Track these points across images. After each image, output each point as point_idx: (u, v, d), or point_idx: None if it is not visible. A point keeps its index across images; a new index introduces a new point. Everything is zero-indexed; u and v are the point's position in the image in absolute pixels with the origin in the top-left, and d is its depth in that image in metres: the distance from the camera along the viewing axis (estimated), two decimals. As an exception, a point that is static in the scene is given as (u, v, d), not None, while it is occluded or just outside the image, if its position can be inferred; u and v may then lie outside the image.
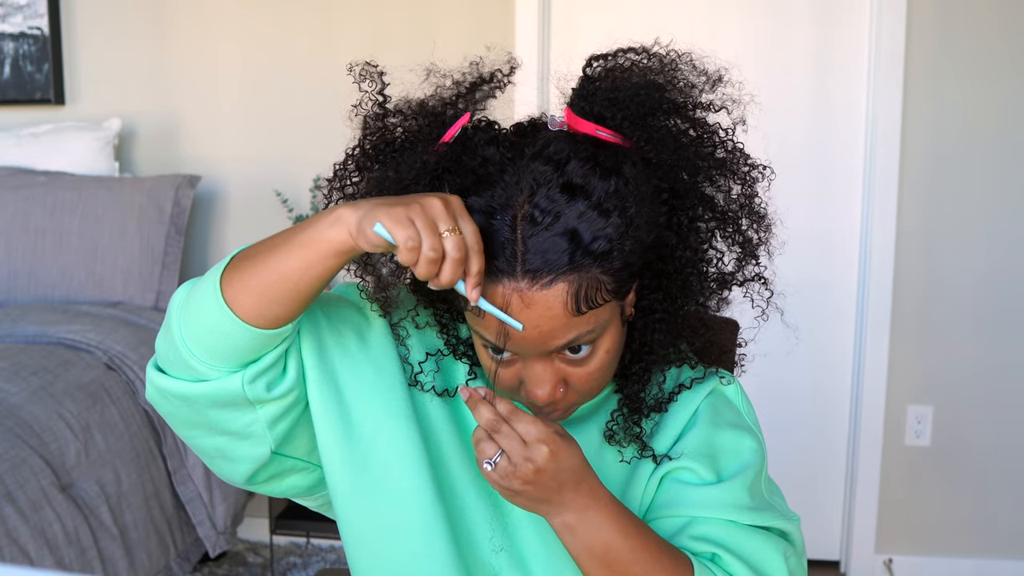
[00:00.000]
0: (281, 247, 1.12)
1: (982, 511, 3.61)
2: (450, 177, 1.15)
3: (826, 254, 3.66)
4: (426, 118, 1.21)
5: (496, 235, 1.10)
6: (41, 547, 2.35)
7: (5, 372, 2.68)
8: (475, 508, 1.28)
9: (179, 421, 1.24)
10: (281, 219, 3.70)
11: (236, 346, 1.15)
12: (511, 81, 1.25)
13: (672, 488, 1.28)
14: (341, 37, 3.67)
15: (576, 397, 1.22)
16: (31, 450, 2.48)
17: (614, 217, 1.11)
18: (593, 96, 1.18)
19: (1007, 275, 3.51)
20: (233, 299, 1.13)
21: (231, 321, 1.13)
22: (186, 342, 1.16)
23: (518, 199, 1.10)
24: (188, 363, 1.17)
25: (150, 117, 3.83)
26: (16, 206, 3.43)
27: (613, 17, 3.61)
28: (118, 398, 2.90)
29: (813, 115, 3.61)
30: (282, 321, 1.15)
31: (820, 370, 3.70)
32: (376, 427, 1.26)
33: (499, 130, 1.20)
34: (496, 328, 1.13)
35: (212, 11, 3.76)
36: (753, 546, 1.24)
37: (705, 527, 1.24)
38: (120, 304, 3.40)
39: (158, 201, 3.47)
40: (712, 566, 1.21)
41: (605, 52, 1.23)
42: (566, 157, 1.12)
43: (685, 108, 1.23)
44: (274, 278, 1.12)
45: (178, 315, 1.17)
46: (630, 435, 1.27)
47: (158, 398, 1.22)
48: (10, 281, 3.42)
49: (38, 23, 3.76)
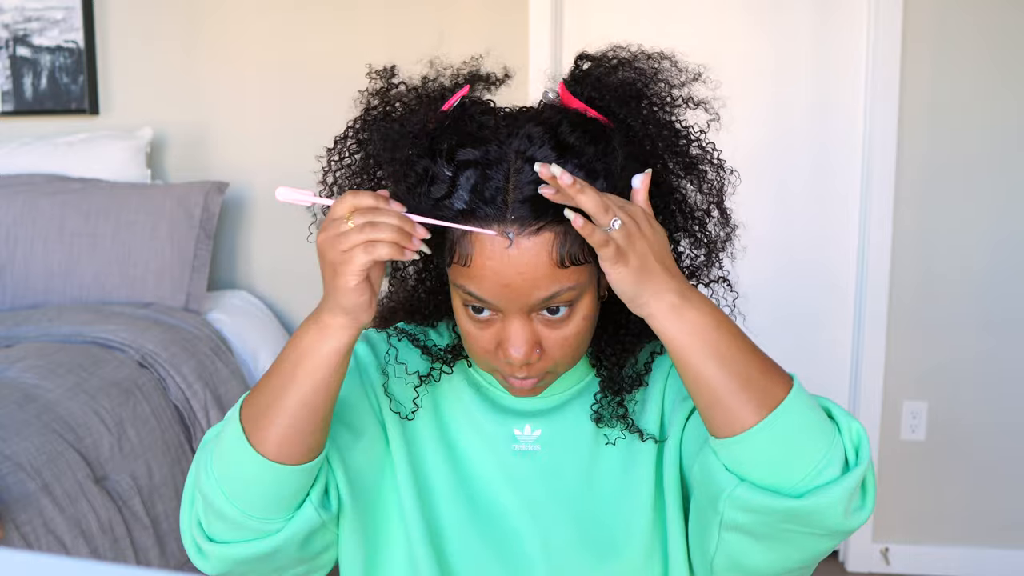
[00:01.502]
0: (292, 384, 1.13)
1: (975, 502, 3.63)
2: (448, 135, 1.15)
3: (824, 255, 3.69)
4: (424, 96, 1.24)
5: (489, 183, 1.11)
6: (76, 537, 2.38)
7: (42, 370, 2.71)
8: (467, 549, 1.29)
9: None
10: (305, 224, 3.75)
11: (295, 488, 1.16)
12: (506, 83, 1.29)
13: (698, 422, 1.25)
14: (364, 46, 3.71)
15: (550, 364, 1.20)
16: (67, 444, 2.50)
17: (600, 179, 1.13)
18: (584, 80, 1.22)
19: (1000, 275, 3.53)
20: (273, 453, 1.13)
21: (284, 472, 1.13)
22: (244, 511, 1.15)
23: (511, 154, 1.12)
24: (253, 527, 1.16)
25: (180, 126, 3.87)
26: (53, 212, 3.47)
27: (623, 22, 3.66)
28: (150, 394, 2.91)
29: (812, 117, 3.64)
30: (323, 444, 1.17)
31: (819, 367, 3.72)
32: (379, 488, 1.29)
33: (495, 106, 1.22)
34: (486, 277, 1.13)
35: (239, 24, 3.81)
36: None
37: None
38: (152, 305, 3.42)
39: (188, 207, 3.50)
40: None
41: (593, 52, 1.27)
42: (558, 121, 1.15)
43: (665, 101, 1.25)
44: (303, 414, 1.12)
45: (223, 491, 1.15)
46: (616, 415, 1.28)
47: (232, 567, 1.20)
48: (47, 283, 3.46)
49: (73, 36, 3.82)
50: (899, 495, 3.67)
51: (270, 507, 1.16)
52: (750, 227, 1.41)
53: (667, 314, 1.10)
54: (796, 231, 3.69)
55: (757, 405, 1.09)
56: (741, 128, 3.57)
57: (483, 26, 3.68)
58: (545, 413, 1.32)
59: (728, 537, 1.15)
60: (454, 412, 1.33)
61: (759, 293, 3.87)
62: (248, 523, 1.15)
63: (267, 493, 1.15)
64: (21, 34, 3.86)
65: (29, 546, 2.25)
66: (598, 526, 1.29)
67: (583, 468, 1.30)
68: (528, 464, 1.30)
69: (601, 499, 1.30)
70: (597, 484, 1.30)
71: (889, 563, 3.68)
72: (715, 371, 1.10)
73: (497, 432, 1.31)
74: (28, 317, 3.22)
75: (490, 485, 1.30)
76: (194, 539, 1.21)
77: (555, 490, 1.30)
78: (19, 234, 3.48)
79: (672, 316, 1.10)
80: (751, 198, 3.65)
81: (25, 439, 2.42)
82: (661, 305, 1.10)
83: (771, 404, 1.09)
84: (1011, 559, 3.63)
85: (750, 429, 1.09)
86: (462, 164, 1.13)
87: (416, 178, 1.16)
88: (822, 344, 3.74)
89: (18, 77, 3.89)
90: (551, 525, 1.28)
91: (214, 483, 1.15)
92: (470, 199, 1.12)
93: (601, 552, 1.28)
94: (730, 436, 1.11)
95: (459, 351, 1.34)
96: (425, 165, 1.16)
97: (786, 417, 1.09)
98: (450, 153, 1.14)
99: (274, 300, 3.91)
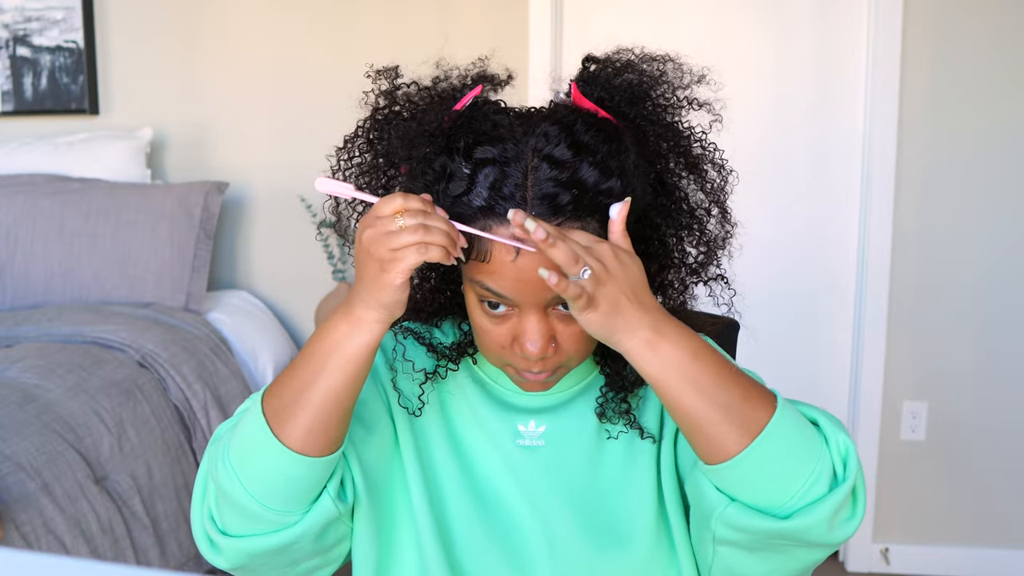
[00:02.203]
0: (321, 376, 1.13)
1: (974, 502, 3.63)
2: (464, 134, 1.17)
3: (825, 256, 3.69)
4: (436, 96, 1.26)
5: (508, 180, 1.13)
6: (76, 537, 2.38)
7: (42, 370, 2.71)
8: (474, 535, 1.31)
9: (269, 570, 1.23)
10: (305, 224, 3.76)
11: (316, 479, 1.17)
12: (511, 84, 1.31)
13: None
14: (365, 48, 3.71)
15: (563, 358, 1.22)
16: (67, 444, 2.50)
17: (615, 176, 1.15)
18: (593, 81, 1.25)
19: (1001, 274, 3.53)
20: (298, 444, 1.14)
21: (307, 463, 1.14)
22: (262, 502, 1.16)
23: (528, 152, 1.13)
24: (270, 519, 1.17)
25: (180, 126, 3.88)
26: (53, 212, 3.47)
27: (624, 22, 3.66)
28: (150, 394, 2.91)
29: (812, 117, 3.64)
30: (344, 435, 1.18)
31: (819, 367, 3.73)
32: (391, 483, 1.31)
33: (507, 106, 1.24)
34: (505, 273, 1.14)
35: (239, 24, 3.81)
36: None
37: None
38: (152, 305, 3.42)
39: (188, 207, 3.51)
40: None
41: (600, 55, 1.30)
42: (573, 120, 1.17)
43: (669, 102, 1.28)
44: (330, 407, 1.13)
45: (240, 482, 1.15)
46: (619, 411, 1.30)
47: (247, 561, 1.20)
48: (47, 283, 3.46)
49: (73, 36, 3.82)
50: (899, 495, 3.67)
51: (290, 499, 1.16)
52: (750, 227, 1.42)
53: (641, 350, 1.11)
54: (796, 231, 3.69)
55: (739, 434, 1.11)
56: (741, 128, 3.58)
57: (483, 26, 3.69)
58: (549, 409, 1.34)
59: (723, 551, 1.19)
60: (459, 408, 1.35)
61: (759, 293, 3.88)
62: (266, 515, 1.16)
63: (288, 485, 1.15)
64: (21, 34, 3.86)
65: (29, 546, 2.25)
66: (602, 520, 1.30)
67: (586, 463, 1.32)
68: (532, 459, 1.32)
69: (605, 494, 1.31)
70: (600, 479, 1.32)
71: (889, 563, 3.68)
72: (694, 403, 1.11)
73: (501, 428, 1.33)
74: (28, 317, 3.22)
75: (495, 480, 1.32)
76: (206, 533, 1.22)
77: (559, 485, 1.31)
78: (19, 234, 3.49)
79: (647, 352, 1.11)
80: (751, 198, 3.66)
81: (25, 439, 2.42)
82: (634, 342, 1.11)
83: (754, 431, 1.11)
84: (1011, 559, 3.63)
85: (735, 457, 1.11)
86: (480, 162, 1.15)
87: (434, 175, 1.18)
88: (822, 344, 3.74)
89: (18, 77, 3.89)
90: (555, 520, 1.29)
91: (232, 475, 1.16)
92: (489, 196, 1.13)
93: (606, 546, 1.29)
94: (715, 464, 1.12)
95: (464, 349, 1.35)
96: (443, 163, 1.18)
97: (770, 442, 1.10)
98: (467, 151, 1.16)
99: (274, 300, 3.91)
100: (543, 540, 1.29)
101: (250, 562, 1.20)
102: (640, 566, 1.29)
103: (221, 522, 1.20)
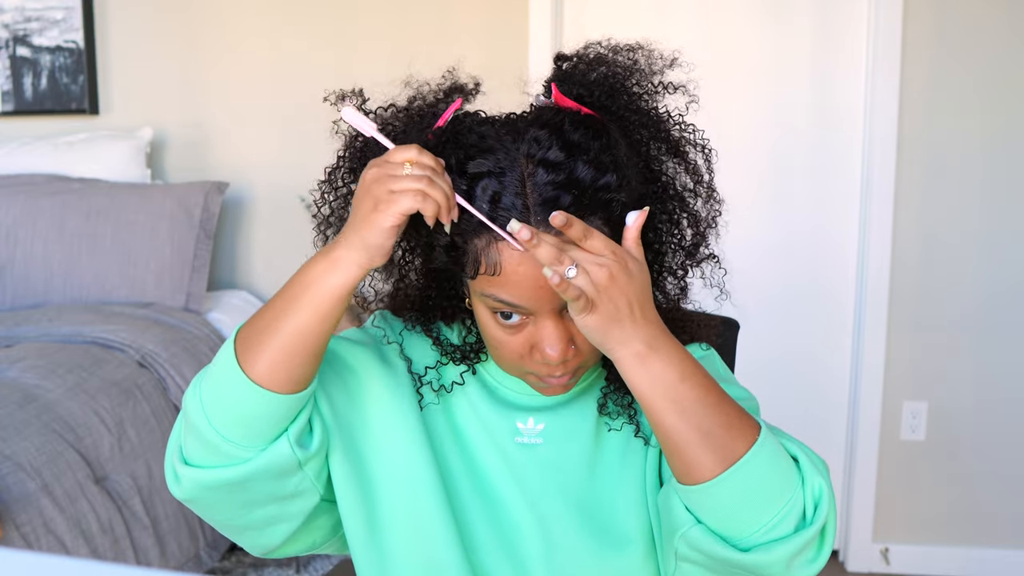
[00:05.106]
0: (291, 310, 1.13)
1: (974, 502, 3.63)
2: (452, 150, 1.17)
3: (825, 256, 3.69)
4: (415, 115, 1.25)
5: (506, 191, 1.12)
6: (76, 537, 2.38)
7: (42, 370, 2.72)
8: (483, 520, 1.30)
9: (223, 508, 1.23)
10: (305, 224, 3.77)
11: (275, 418, 1.16)
12: (481, 92, 1.30)
13: None
14: (365, 48, 3.73)
15: (582, 358, 1.22)
16: (67, 444, 2.51)
17: (610, 170, 1.14)
18: (570, 79, 1.24)
19: (1001, 274, 3.54)
20: (261, 377, 1.13)
21: (267, 398, 1.13)
22: (221, 433, 1.15)
23: (521, 159, 1.13)
24: (226, 452, 1.16)
25: (180, 126, 3.88)
26: (53, 212, 3.48)
27: (623, 22, 3.65)
28: (150, 394, 2.92)
29: (812, 117, 3.64)
30: (310, 378, 1.17)
31: (820, 367, 3.73)
32: (386, 457, 1.29)
33: (488, 116, 1.23)
34: (518, 282, 1.14)
35: (239, 26, 3.82)
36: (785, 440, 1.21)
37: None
38: (152, 305, 3.43)
39: (188, 207, 3.52)
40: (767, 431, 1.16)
41: (570, 52, 1.29)
42: (560, 121, 1.16)
43: (645, 89, 1.28)
44: (296, 341, 1.13)
45: (204, 411, 1.16)
46: (620, 406, 1.31)
47: (201, 493, 1.20)
48: (47, 283, 3.46)
49: (73, 37, 3.83)
50: (899, 495, 3.67)
51: (248, 434, 1.16)
52: (750, 227, 1.43)
53: (631, 362, 1.12)
54: (796, 231, 3.69)
55: (715, 460, 1.11)
56: (741, 128, 3.59)
57: (483, 28, 3.69)
58: (549, 407, 1.33)
59: (684, 566, 1.20)
60: (460, 404, 1.34)
61: (759, 292, 3.88)
62: (223, 447, 1.16)
63: (245, 418, 1.15)
64: (21, 34, 3.86)
65: (29, 546, 2.25)
66: (599, 519, 1.30)
67: (584, 462, 1.32)
68: (530, 457, 1.32)
69: (602, 492, 1.31)
70: (598, 478, 1.32)
71: (889, 563, 3.68)
72: (675, 423, 1.12)
73: (500, 425, 1.33)
74: (28, 317, 3.22)
75: (493, 477, 1.32)
76: (172, 462, 1.22)
77: (556, 483, 1.31)
78: (19, 234, 3.49)
79: (636, 365, 1.12)
80: (750, 198, 3.67)
81: (25, 439, 2.43)
82: (626, 353, 1.12)
83: (730, 459, 1.11)
84: (1011, 559, 3.64)
85: (707, 482, 1.11)
86: (475, 176, 1.14)
87: None
88: (822, 344, 3.74)
89: (18, 77, 3.89)
90: (552, 518, 1.29)
91: (197, 402, 1.17)
92: (490, 208, 1.13)
93: (603, 545, 1.29)
94: (688, 485, 1.13)
95: (467, 353, 1.36)
96: None
97: (744, 473, 1.11)
98: (460, 167, 1.16)
99: (274, 300, 3.91)
100: (539, 537, 1.29)
101: (203, 495, 1.20)
102: (636, 565, 1.29)
103: (185, 450, 1.21)
